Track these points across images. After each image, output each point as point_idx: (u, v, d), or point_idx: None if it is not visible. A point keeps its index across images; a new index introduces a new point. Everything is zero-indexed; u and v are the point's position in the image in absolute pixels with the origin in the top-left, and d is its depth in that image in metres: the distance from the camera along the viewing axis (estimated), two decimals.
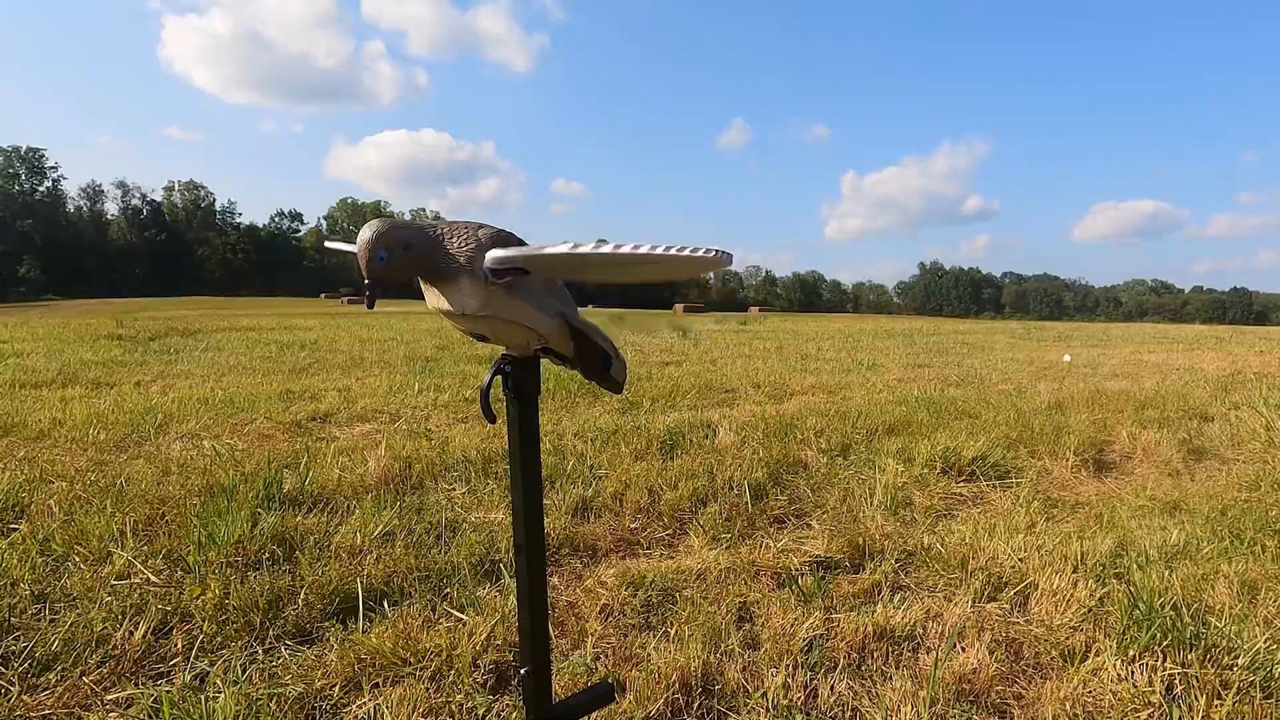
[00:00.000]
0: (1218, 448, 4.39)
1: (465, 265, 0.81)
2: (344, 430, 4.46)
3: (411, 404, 5.29)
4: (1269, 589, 2.30)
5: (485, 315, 0.83)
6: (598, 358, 0.93)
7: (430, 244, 0.80)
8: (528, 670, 0.88)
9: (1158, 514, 3.05)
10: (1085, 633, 1.92)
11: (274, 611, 2.07)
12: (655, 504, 2.99)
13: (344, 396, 5.50)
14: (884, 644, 1.90)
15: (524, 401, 0.86)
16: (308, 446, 3.77)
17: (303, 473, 3.12)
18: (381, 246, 0.77)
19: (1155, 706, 1.61)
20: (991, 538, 2.58)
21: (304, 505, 2.90)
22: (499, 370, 0.87)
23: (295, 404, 5.20)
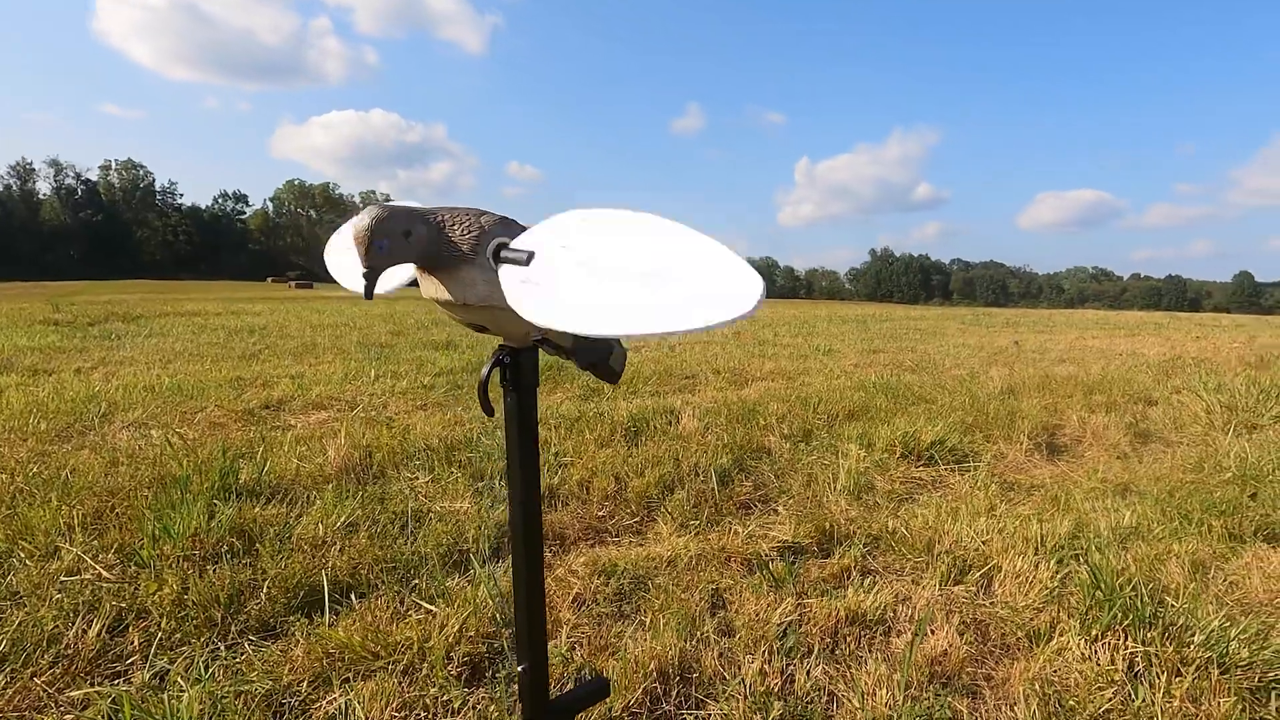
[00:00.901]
0: (1162, 431, 4.54)
1: (468, 254, 0.78)
2: (299, 418, 4.35)
3: (368, 391, 5.18)
4: (1217, 568, 2.38)
5: (487, 305, 0.80)
6: (598, 347, 0.91)
7: (431, 231, 0.77)
8: (525, 667, 0.86)
9: (1109, 496, 3.14)
10: (1049, 613, 1.97)
11: (235, 606, 2.01)
12: (622, 491, 2.98)
13: (297, 384, 5.37)
14: (856, 628, 1.92)
15: (523, 393, 0.84)
16: (264, 435, 3.67)
17: (260, 462, 3.03)
18: (381, 234, 0.73)
19: (1119, 685, 1.66)
20: (954, 521, 2.63)
21: (262, 496, 2.82)
22: (498, 362, 0.84)
23: (247, 391, 5.06)
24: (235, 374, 5.87)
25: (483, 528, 2.49)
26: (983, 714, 1.57)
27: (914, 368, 7.32)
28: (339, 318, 12.50)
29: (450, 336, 9.25)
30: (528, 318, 0.71)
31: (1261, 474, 3.42)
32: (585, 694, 0.91)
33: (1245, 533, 2.68)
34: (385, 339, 8.95)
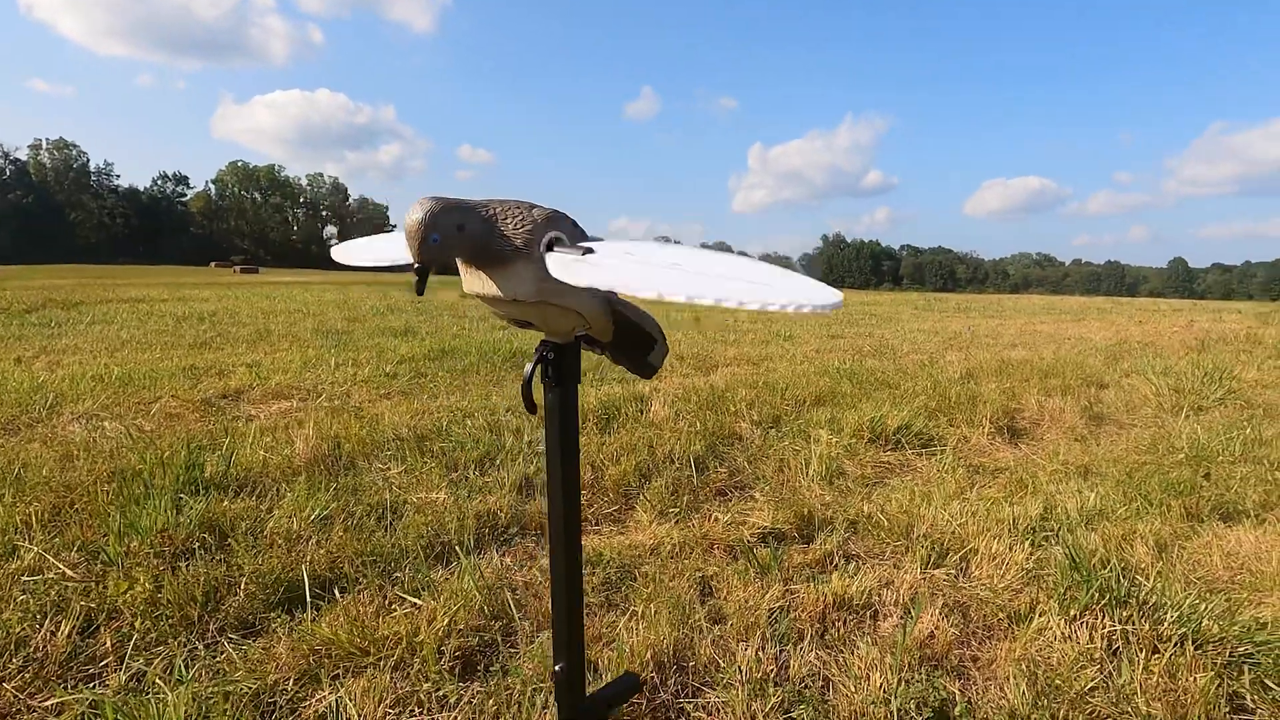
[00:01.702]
0: (1115, 413, 4.69)
1: (521, 248, 0.75)
2: (259, 408, 4.24)
3: (329, 379, 5.08)
4: (1180, 546, 2.47)
5: (537, 301, 0.77)
6: (639, 342, 0.89)
7: (484, 225, 0.74)
8: (561, 666, 0.85)
9: (1072, 478, 3.23)
10: (1028, 595, 2.02)
11: (212, 604, 1.95)
12: (599, 479, 2.97)
13: (254, 372, 5.23)
14: (844, 613, 1.94)
15: (565, 389, 0.82)
16: (227, 427, 3.57)
17: (226, 455, 2.95)
18: (434, 229, 0.70)
19: (1099, 662, 1.71)
20: (928, 505, 2.68)
21: (229, 489, 2.75)
22: (542, 358, 0.82)
23: (202, 381, 4.92)
24: (188, 363, 5.70)
25: (463, 519, 2.46)
26: (974, 695, 1.60)
27: (874, 353, 7.44)
28: (291, 304, 12.21)
29: (408, 323, 9.11)
30: (582, 283, 0.69)
31: (1212, 455, 3.56)
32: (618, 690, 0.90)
33: (1203, 512, 2.78)
34: (342, 326, 8.78)
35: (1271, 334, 9.78)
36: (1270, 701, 1.58)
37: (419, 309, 12.03)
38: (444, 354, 6.33)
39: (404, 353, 6.35)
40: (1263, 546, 2.43)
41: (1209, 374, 5.68)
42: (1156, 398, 4.95)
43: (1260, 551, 2.39)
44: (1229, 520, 2.73)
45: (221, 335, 7.53)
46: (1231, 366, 6.38)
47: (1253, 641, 1.74)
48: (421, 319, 10.08)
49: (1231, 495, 2.94)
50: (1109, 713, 1.53)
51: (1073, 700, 1.55)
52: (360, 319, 9.75)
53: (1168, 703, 1.56)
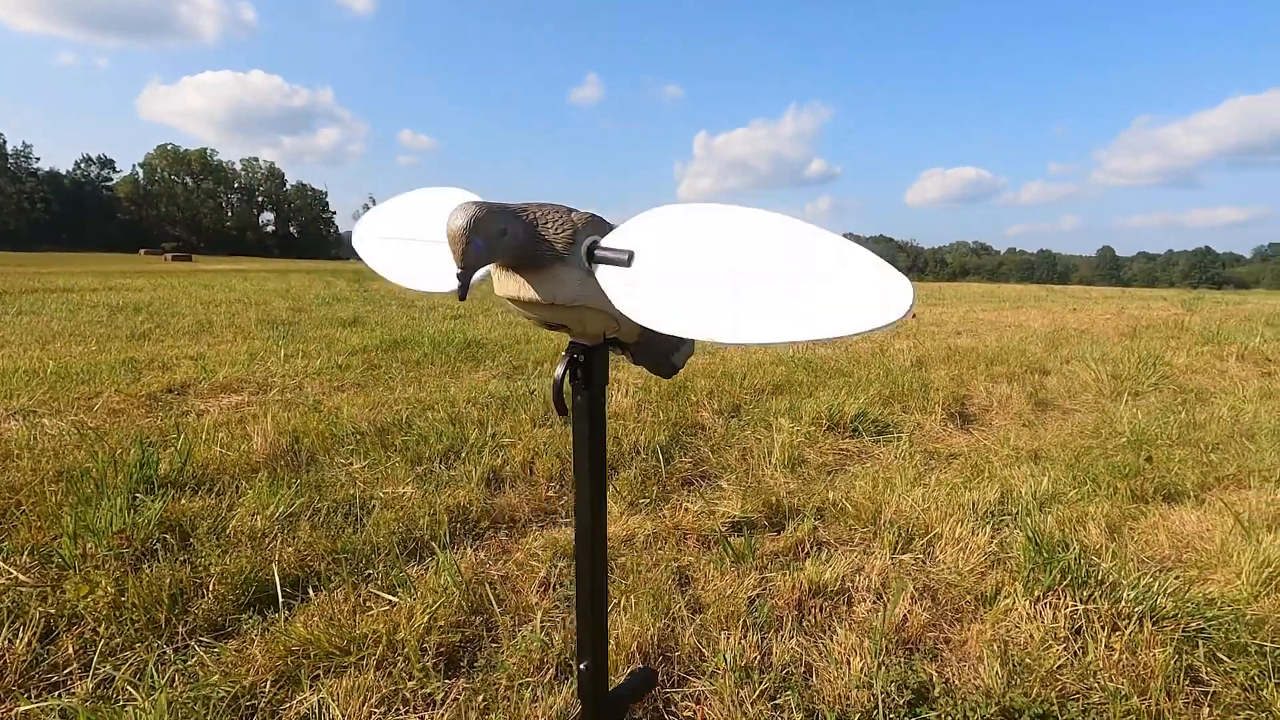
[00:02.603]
0: (1058, 399, 4.86)
1: (561, 252, 0.75)
2: (209, 402, 4.12)
3: (279, 372, 4.95)
4: (1129, 527, 2.58)
5: (576, 305, 0.77)
6: (664, 343, 0.90)
7: (525, 229, 0.74)
8: (586, 665, 0.86)
9: (1024, 463, 3.35)
10: (993, 578, 2.09)
11: (180, 607, 1.90)
12: (567, 471, 2.97)
13: (200, 365, 5.08)
14: (819, 600, 1.98)
15: (594, 391, 0.82)
16: (177, 422, 3.46)
17: (181, 452, 2.86)
18: (478, 234, 0.69)
19: (1064, 641, 1.78)
20: (892, 492, 2.75)
21: (186, 487, 2.67)
22: (572, 361, 0.81)
23: (145, 375, 4.75)
24: (127, 355, 5.49)
25: (434, 514, 2.43)
26: (950, 676, 1.66)
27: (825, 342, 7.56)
28: (230, 293, 11.85)
29: (356, 314, 8.92)
30: (640, 321, 0.69)
31: (1151, 438, 3.72)
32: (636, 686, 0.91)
33: (1147, 494, 2.91)
34: (286, 316, 8.55)
35: (1196, 320, 10.24)
36: (1223, 674, 1.67)
37: (365, 298, 11.80)
38: (396, 345, 6.22)
39: (354, 344, 6.23)
40: (1204, 526, 2.56)
41: (1143, 360, 5.93)
42: (1096, 383, 5.14)
43: (1202, 530, 2.51)
44: (1171, 501, 2.87)
45: (160, 327, 7.26)
46: (1163, 352, 6.67)
47: (1204, 617, 1.83)
48: (369, 309, 9.88)
49: (1172, 477, 3.08)
50: (1078, 689, 1.60)
51: (1043, 678, 1.62)
52: (305, 309, 9.52)
53: (1131, 677, 1.63)
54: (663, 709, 1.56)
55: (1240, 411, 4.41)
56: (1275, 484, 3.00)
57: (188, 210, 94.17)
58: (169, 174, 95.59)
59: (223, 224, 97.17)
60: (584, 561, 0.83)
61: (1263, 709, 1.57)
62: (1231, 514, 2.53)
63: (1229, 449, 3.60)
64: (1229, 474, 3.17)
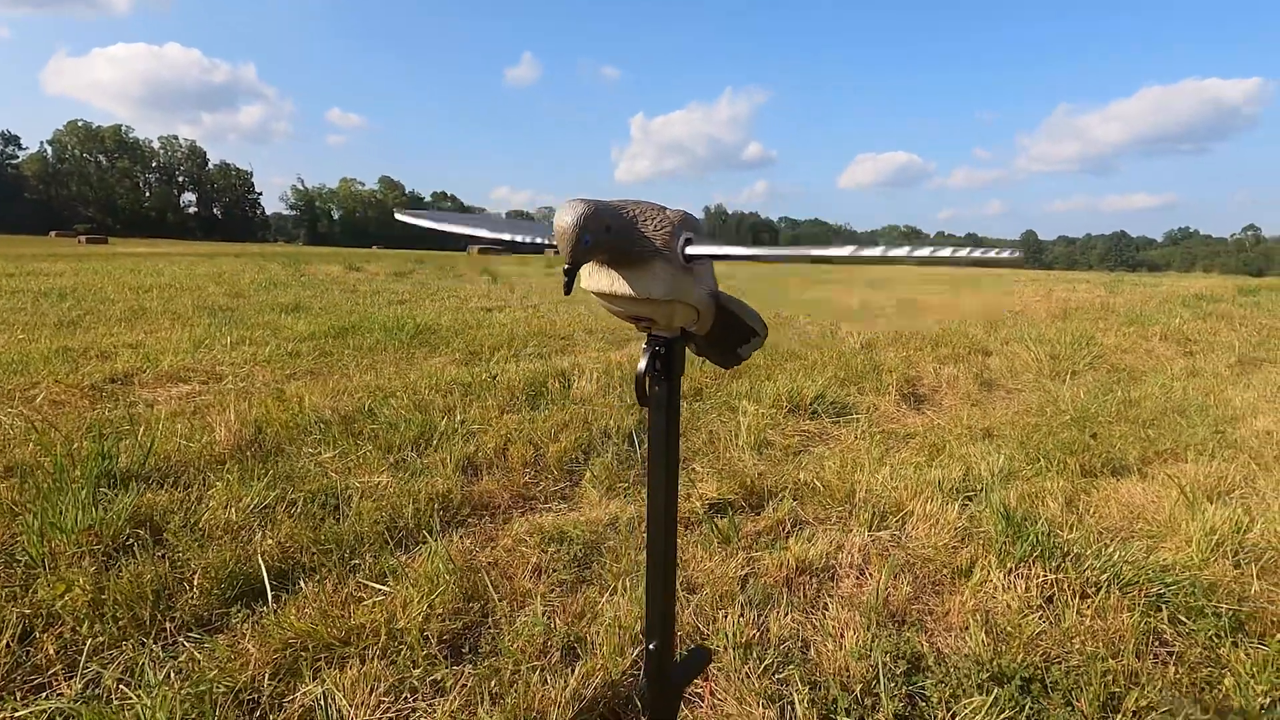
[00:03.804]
0: (1001, 379, 5.06)
1: (660, 249, 0.76)
2: (156, 393, 3.98)
3: (227, 360, 4.81)
4: (1083, 500, 2.73)
5: (669, 299, 0.78)
6: (737, 334, 0.92)
7: (626, 226, 0.75)
8: (655, 644, 0.88)
9: (978, 441, 3.49)
10: (966, 552, 2.19)
11: (164, 603, 1.85)
12: (541, 457, 2.98)
13: (141, 354, 4.89)
14: (807, 577, 2.05)
15: (672, 382, 0.84)
16: (130, 414, 3.34)
17: (143, 444, 2.76)
18: (587, 230, 0.71)
19: (1039, 609, 1.88)
20: (861, 471, 2.84)
21: (150, 481, 2.59)
22: (654, 353, 0.83)
23: (83, 364, 4.55)
24: (59, 344, 5.24)
25: (417, 503, 2.42)
26: (940, 645, 1.74)
27: (774, 325, 7.68)
28: (160, 278, 11.37)
29: (298, 299, 8.68)
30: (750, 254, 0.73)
31: (1093, 416, 3.91)
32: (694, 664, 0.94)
33: (1095, 469, 3.07)
34: (224, 302, 8.27)
35: (1119, 302, 10.75)
36: (1185, 635, 1.80)
37: (303, 283, 11.49)
38: (345, 331, 6.09)
39: (302, 330, 6.07)
40: (1150, 498, 2.72)
41: (1077, 340, 6.21)
42: (1036, 364, 5.37)
43: (1149, 502, 2.67)
44: (1118, 475, 3.03)
45: (91, 314, 6.94)
46: (1093, 333, 7.00)
47: (1163, 583, 1.96)
48: (310, 294, 9.63)
49: (1116, 452, 3.26)
50: (1058, 653, 1.70)
51: (1025, 644, 1.71)
52: (243, 294, 9.22)
53: (1104, 640, 1.74)
54: None
55: (1170, 389, 4.67)
56: (1209, 457, 3.20)
57: (101, 190, 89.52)
58: (80, 152, 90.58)
59: (140, 205, 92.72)
60: (657, 546, 0.86)
61: (1220, 665, 1.70)
62: (1176, 486, 2.69)
63: (1163, 425, 3.82)
64: (1167, 448, 3.37)
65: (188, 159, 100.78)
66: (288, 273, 13.76)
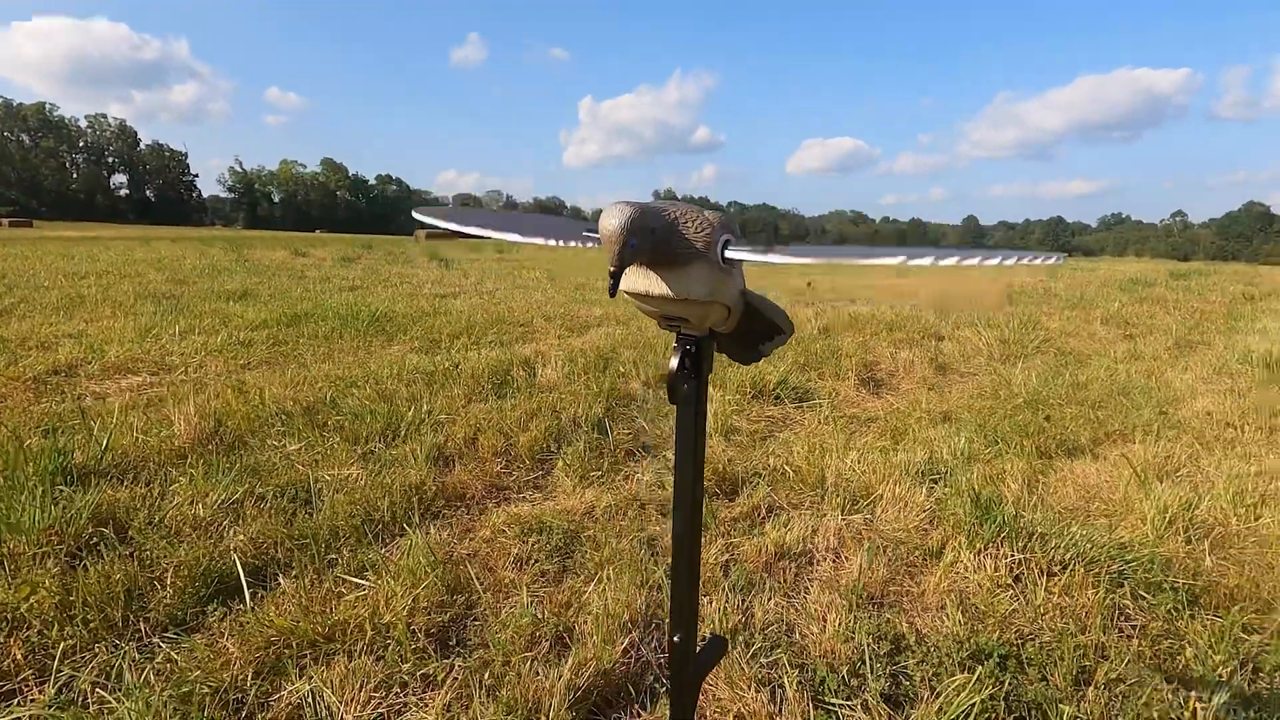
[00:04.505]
0: (955, 363, 5.19)
1: (702, 251, 0.77)
2: (104, 385, 3.85)
3: (177, 350, 4.66)
4: (1041, 481, 2.82)
5: (707, 300, 0.79)
6: (762, 331, 0.93)
7: (669, 229, 0.75)
8: (680, 636, 0.89)
9: (937, 425, 3.58)
10: (936, 533, 2.26)
11: (136, 603, 1.81)
12: (513, 446, 2.97)
13: (84, 344, 4.71)
14: (786, 561, 2.09)
15: (701, 380, 0.85)
16: (80, 407, 3.22)
17: (98, 439, 2.67)
18: (633, 234, 0.71)
19: (1008, 588, 1.95)
20: (829, 456, 2.89)
21: (108, 477, 2.51)
22: (685, 352, 0.83)
23: (22, 356, 4.37)
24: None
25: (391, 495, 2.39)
26: (919, 626, 1.79)
27: None
28: (95, 264, 10.93)
29: (244, 286, 8.44)
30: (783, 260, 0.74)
31: (1045, 399, 4.05)
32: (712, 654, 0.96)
33: (1050, 450, 3.18)
34: (167, 289, 8.00)
35: (1060, 287, 11.09)
36: (1146, 609, 1.88)
37: (248, 269, 11.18)
38: (298, 319, 5.95)
39: (253, 318, 5.91)
40: (1104, 478, 2.83)
41: (1024, 324, 6.40)
42: (987, 348, 5.52)
43: (1104, 482, 2.78)
44: (1072, 456, 3.15)
45: (25, 301, 6.65)
46: (1038, 317, 7.22)
47: (1123, 560, 2.05)
48: (256, 280, 9.38)
49: (1069, 434, 3.38)
50: (1030, 630, 1.76)
51: (1000, 622, 1.78)
52: (186, 281, 8.93)
53: (1072, 617, 1.82)
54: (660, 672, 1.62)
55: (1115, 372, 4.85)
56: (1156, 438, 3.34)
57: (25, 171, 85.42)
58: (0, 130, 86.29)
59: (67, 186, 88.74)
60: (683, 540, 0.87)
61: (1179, 637, 1.79)
62: (1128, 466, 2.81)
63: (1110, 406, 3.97)
64: (1115, 429, 3.50)
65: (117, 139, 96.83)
66: (230, 258, 13.36)
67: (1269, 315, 8.84)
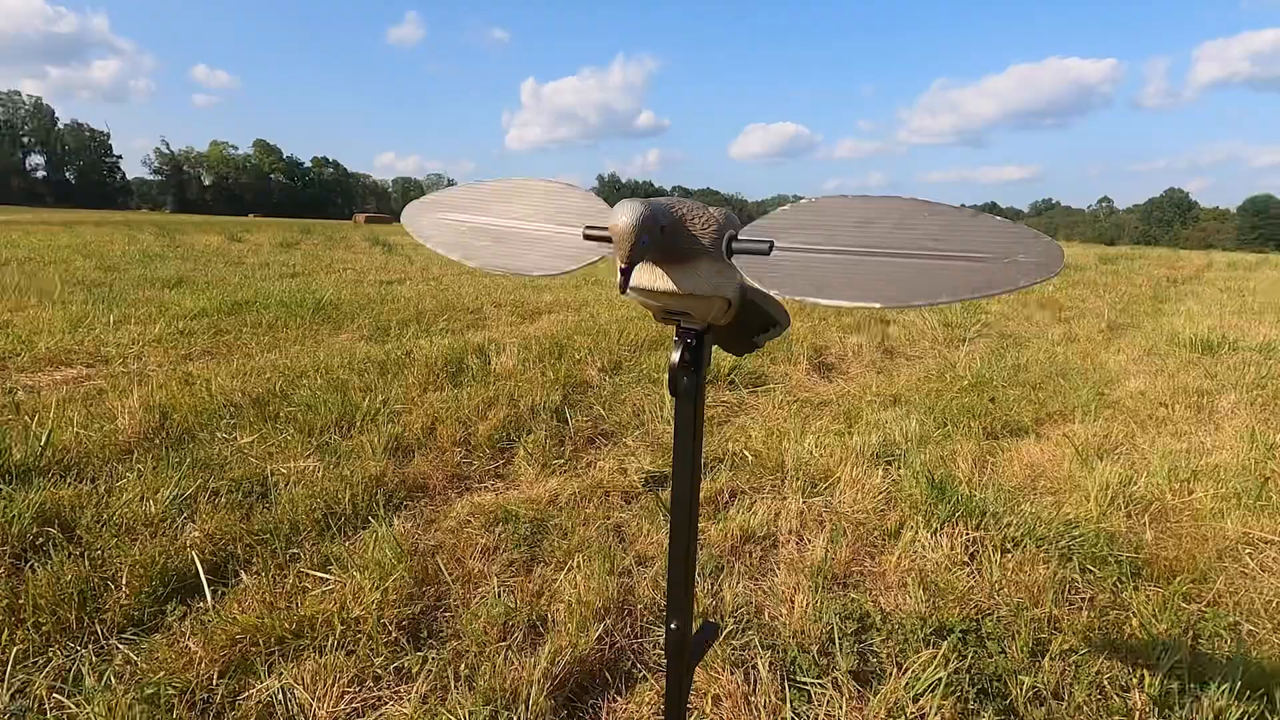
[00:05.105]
0: (901, 347, 5.32)
1: (708, 246, 0.77)
2: (36, 379, 3.68)
3: (112, 341, 4.48)
4: (989, 461, 2.92)
5: (711, 295, 0.79)
6: (758, 323, 0.93)
7: (677, 225, 0.75)
8: (677, 625, 0.90)
9: (888, 407, 3.67)
10: (894, 514, 2.32)
11: (91, 604, 1.75)
12: (472, 436, 2.94)
13: (11, 336, 4.50)
14: (752, 545, 2.13)
15: (700, 373, 0.85)
16: (15, 402, 3.08)
17: (38, 435, 2.56)
18: (645, 231, 0.71)
19: (964, 565, 2.02)
20: (785, 440, 2.94)
21: (50, 474, 2.41)
22: (685, 345, 0.84)
23: None
24: None
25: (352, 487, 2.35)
26: (881, 603, 1.84)
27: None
28: (15, 250, 10.42)
29: (179, 273, 8.15)
30: (789, 295, 0.73)
31: (988, 381, 4.18)
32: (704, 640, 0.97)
33: (996, 430, 3.29)
34: (96, 276, 7.68)
35: None
36: (1093, 582, 1.97)
37: (182, 255, 10.79)
38: (240, 307, 5.78)
39: (189, 307, 5.72)
40: (1048, 457, 2.94)
41: (967, 308, 6.59)
42: (932, 332, 5.67)
43: (1048, 460, 2.89)
44: (1017, 436, 3.26)
45: None
46: (978, 301, 7.43)
47: (1070, 536, 2.14)
48: (191, 267, 9.07)
49: (1013, 415, 3.50)
50: (988, 605, 1.83)
51: (959, 599, 1.84)
52: (116, 268, 8.58)
53: (1026, 591, 1.89)
54: (635, 658, 1.64)
55: (1053, 354, 5.03)
56: (1094, 418, 3.48)
57: None
58: None
59: None
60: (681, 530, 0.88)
61: (1125, 608, 1.88)
62: (1070, 445, 2.93)
63: (1050, 387, 4.12)
64: (1056, 410, 3.64)
65: (33, 117, 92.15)
66: (162, 244, 12.89)
67: (1191, 298, 9.27)
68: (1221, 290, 10.54)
